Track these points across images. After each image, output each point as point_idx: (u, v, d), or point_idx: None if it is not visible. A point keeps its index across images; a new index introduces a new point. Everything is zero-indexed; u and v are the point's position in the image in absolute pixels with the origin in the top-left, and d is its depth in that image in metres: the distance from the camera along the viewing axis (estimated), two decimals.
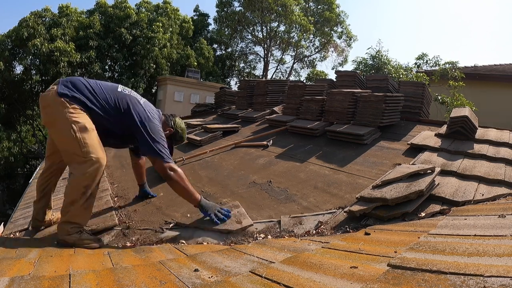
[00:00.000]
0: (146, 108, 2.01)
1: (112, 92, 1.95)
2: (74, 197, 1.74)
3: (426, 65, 8.65)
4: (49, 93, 1.82)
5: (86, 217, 1.84)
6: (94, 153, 1.75)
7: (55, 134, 1.86)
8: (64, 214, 1.79)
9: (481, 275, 0.72)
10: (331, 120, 3.71)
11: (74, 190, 1.74)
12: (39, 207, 2.15)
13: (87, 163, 1.74)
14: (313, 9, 19.43)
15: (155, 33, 13.94)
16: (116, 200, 2.69)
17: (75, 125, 1.74)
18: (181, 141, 2.43)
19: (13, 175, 14.74)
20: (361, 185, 2.27)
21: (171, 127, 2.26)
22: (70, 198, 1.75)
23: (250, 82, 5.81)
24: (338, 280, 0.93)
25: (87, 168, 1.73)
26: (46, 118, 1.85)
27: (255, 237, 1.83)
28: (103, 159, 1.81)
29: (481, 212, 1.52)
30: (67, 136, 1.74)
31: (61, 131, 1.77)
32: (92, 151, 1.75)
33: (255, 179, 2.71)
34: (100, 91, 1.91)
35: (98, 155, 1.77)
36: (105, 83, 2.01)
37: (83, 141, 1.74)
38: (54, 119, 1.80)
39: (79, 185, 1.73)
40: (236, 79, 20.84)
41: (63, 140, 1.79)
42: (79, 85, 1.86)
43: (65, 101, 1.77)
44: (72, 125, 1.73)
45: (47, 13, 13.12)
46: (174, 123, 2.29)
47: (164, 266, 1.22)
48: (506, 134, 3.04)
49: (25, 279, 1.03)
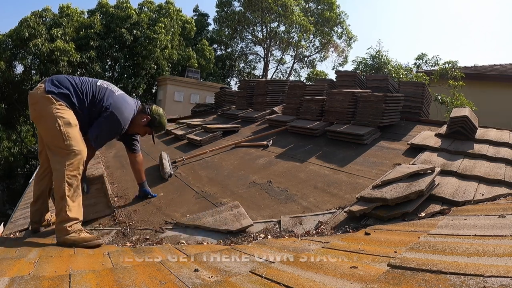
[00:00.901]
0: (119, 100, 2.13)
1: (92, 86, 2.07)
2: (62, 190, 1.81)
3: (426, 65, 8.66)
4: (37, 91, 1.93)
5: (79, 210, 1.88)
6: (76, 146, 1.88)
7: (42, 128, 1.95)
8: (58, 212, 1.82)
9: (481, 275, 0.72)
10: (331, 120, 3.71)
11: (61, 183, 1.82)
12: (35, 208, 2.17)
13: (70, 155, 1.86)
14: (313, 9, 19.43)
15: (157, 34, 13.93)
16: (116, 200, 2.69)
17: (60, 120, 1.86)
18: (161, 128, 2.47)
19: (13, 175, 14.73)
20: (361, 185, 2.27)
21: (148, 114, 2.33)
22: (60, 193, 1.82)
23: (250, 82, 5.82)
24: (338, 280, 0.93)
25: (70, 159, 1.85)
26: (34, 114, 1.96)
27: (255, 237, 1.83)
28: (85, 152, 1.94)
29: (481, 212, 1.52)
30: (52, 130, 1.86)
31: (47, 125, 1.88)
32: (75, 144, 1.88)
33: (255, 179, 2.71)
34: (81, 85, 2.04)
35: (80, 148, 1.91)
36: (87, 78, 2.13)
37: (67, 135, 1.86)
38: (42, 115, 1.91)
39: (64, 177, 1.82)
40: (236, 79, 20.87)
41: (49, 133, 1.90)
42: (64, 82, 1.99)
43: (52, 98, 1.89)
44: (58, 119, 1.86)
45: (47, 13, 13.12)
46: (151, 110, 2.36)
47: (164, 266, 1.22)
48: (506, 134, 3.04)
49: (25, 279, 1.03)
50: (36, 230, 2.20)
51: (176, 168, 3.28)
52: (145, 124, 2.33)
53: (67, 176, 1.82)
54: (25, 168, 15.50)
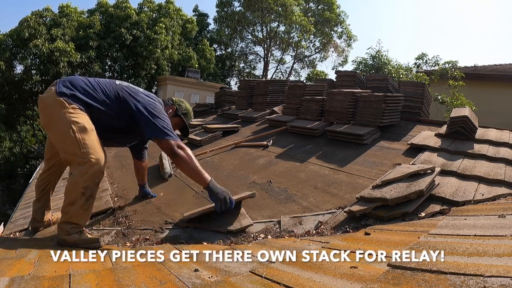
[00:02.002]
0: (145, 93, 2.03)
1: (111, 85, 1.95)
2: (74, 197, 1.72)
3: (426, 65, 8.66)
4: (48, 94, 1.80)
5: (86, 218, 1.83)
6: (93, 154, 1.73)
7: (54, 135, 1.83)
8: (64, 214, 1.78)
9: (481, 275, 0.72)
10: (331, 120, 3.71)
11: (74, 191, 1.72)
12: (38, 206, 2.15)
13: (86, 164, 1.71)
14: (313, 9, 19.43)
15: (158, 35, 13.93)
16: (116, 200, 2.70)
17: (74, 125, 1.72)
18: (189, 114, 2.35)
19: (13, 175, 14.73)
20: (361, 185, 2.27)
21: (172, 105, 2.25)
22: (70, 199, 1.73)
23: (250, 82, 5.82)
24: (338, 280, 0.93)
25: (86, 169, 1.71)
26: (45, 120, 1.84)
27: (255, 237, 1.83)
28: (103, 160, 1.78)
29: (481, 212, 1.52)
30: (66, 136, 1.71)
31: (61, 131, 1.74)
32: (92, 152, 1.72)
33: (255, 179, 2.71)
34: (98, 85, 1.90)
35: (98, 156, 1.74)
36: (103, 79, 2.02)
37: (83, 141, 1.71)
38: (53, 120, 1.78)
39: (79, 186, 1.71)
40: (236, 79, 20.87)
41: (63, 140, 1.76)
42: (77, 83, 1.85)
43: (64, 101, 1.75)
44: (72, 125, 1.71)
45: (47, 13, 13.12)
46: (173, 101, 2.29)
47: (164, 266, 1.22)
48: (506, 134, 3.04)
49: (25, 279, 1.03)
50: (36, 229, 2.19)
51: (176, 168, 3.28)
52: (172, 115, 2.20)
53: (81, 186, 1.70)
54: (25, 168, 15.50)
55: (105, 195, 2.75)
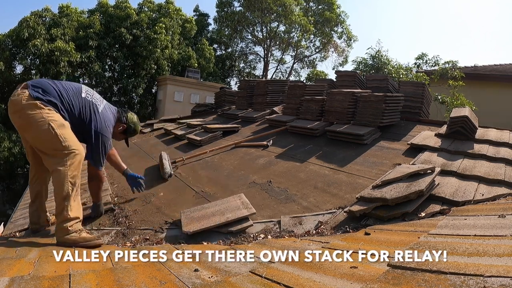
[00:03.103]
0: (103, 118, 2.16)
1: (77, 98, 2.04)
2: (66, 191, 1.80)
3: (426, 65, 8.67)
4: (21, 97, 1.86)
5: (80, 209, 1.88)
6: (74, 146, 1.88)
7: (33, 135, 1.89)
8: (59, 213, 1.81)
9: (481, 275, 0.72)
10: (331, 120, 3.71)
11: (63, 184, 1.80)
12: (33, 209, 2.16)
13: (70, 155, 1.84)
14: (313, 9, 19.43)
15: (158, 35, 13.92)
16: (116, 200, 2.70)
17: (52, 123, 1.83)
18: (135, 133, 2.56)
19: (13, 175, 14.71)
20: (361, 185, 2.27)
21: (124, 123, 2.41)
22: (62, 194, 1.80)
23: (250, 82, 5.81)
24: (338, 280, 0.93)
25: (71, 159, 1.84)
26: (20, 122, 1.89)
27: (255, 237, 1.83)
28: (83, 150, 1.95)
29: (481, 212, 1.52)
30: (46, 134, 1.82)
31: (40, 131, 1.83)
32: (72, 144, 1.87)
33: (255, 179, 2.71)
34: (67, 97, 2.00)
35: (78, 147, 1.90)
36: (70, 86, 2.07)
37: (63, 136, 1.84)
38: (30, 122, 1.84)
39: (66, 177, 1.81)
40: (236, 79, 20.85)
41: (43, 139, 1.85)
42: (49, 89, 1.93)
43: (40, 104, 1.84)
44: (50, 123, 1.82)
45: (47, 13, 13.11)
46: (127, 118, 2.43)
47: (164, 266, 1.22)
48: (506, 134, 3.04)
49: (25, 279, 1.03)
50: (36, 230, 2.19)
51: (176, 168, 3.28)
52: (121, 132, 2.42)
53: (69, 176, 1.81)
54: (25, 168, 15.48)
55: (105, 195, 2.74)
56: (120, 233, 2.08)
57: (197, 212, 2.10)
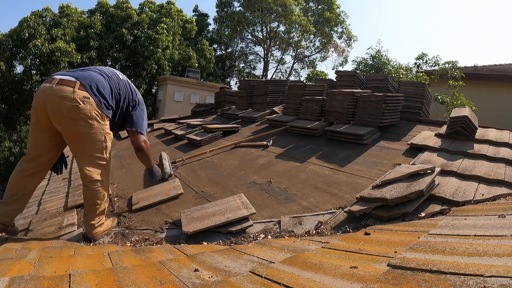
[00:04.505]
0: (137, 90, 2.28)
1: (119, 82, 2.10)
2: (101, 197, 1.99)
3: (426, 65, 8.67)
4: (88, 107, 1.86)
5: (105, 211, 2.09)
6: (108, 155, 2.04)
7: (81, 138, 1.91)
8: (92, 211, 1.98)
9: (481, 275, 0.72)
10: (331, 120, 3.71)
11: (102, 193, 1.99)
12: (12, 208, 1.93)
13: (107, 164, 2.02)
14: (313, 9, 19.42)
15: (159, 35, 13.92)
16: (116, 200, 2.70)
17: (107, 136, 1.98)
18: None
19: None
20: (361, 185, 2.27)
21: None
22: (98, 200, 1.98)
23: (250, 82, 5.81)
24: (338, 280, 0.93)
25: (107, 168, 2.04)
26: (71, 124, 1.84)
27: (255, 237, 1.83)
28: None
29: (481, 212, 1.52)
30: (98, 144, 1.94)
31: (93, 139, 1.92)
32: (108, 155, 2.04)
33: (255, 179, 2.71)
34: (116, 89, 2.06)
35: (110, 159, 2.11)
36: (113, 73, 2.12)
37: (108, 149, 2.01)
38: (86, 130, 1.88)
39: (106, 185, 2.02)
40: (236, 79, 20.84)
41: (93, 147, 1.93)
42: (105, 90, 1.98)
43: (103, 115, 1.94)
44: (105, 136, 1.97)
45: (47, 13, 13.11)
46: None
47: (164, 266, 1.22)
48: (506, 134, 3.04)
49: (25, 279, 1.03)
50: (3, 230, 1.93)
51: (176, 168, 3.28)
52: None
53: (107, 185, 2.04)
54: None
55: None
56: (120, 233, 2.08)
57: (197, 212, 2.11)
